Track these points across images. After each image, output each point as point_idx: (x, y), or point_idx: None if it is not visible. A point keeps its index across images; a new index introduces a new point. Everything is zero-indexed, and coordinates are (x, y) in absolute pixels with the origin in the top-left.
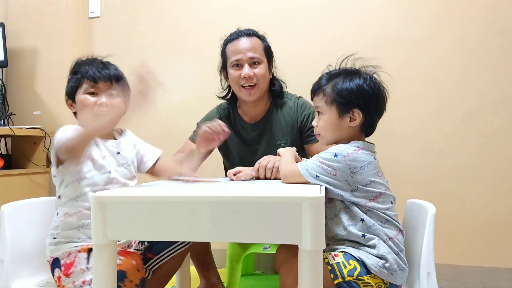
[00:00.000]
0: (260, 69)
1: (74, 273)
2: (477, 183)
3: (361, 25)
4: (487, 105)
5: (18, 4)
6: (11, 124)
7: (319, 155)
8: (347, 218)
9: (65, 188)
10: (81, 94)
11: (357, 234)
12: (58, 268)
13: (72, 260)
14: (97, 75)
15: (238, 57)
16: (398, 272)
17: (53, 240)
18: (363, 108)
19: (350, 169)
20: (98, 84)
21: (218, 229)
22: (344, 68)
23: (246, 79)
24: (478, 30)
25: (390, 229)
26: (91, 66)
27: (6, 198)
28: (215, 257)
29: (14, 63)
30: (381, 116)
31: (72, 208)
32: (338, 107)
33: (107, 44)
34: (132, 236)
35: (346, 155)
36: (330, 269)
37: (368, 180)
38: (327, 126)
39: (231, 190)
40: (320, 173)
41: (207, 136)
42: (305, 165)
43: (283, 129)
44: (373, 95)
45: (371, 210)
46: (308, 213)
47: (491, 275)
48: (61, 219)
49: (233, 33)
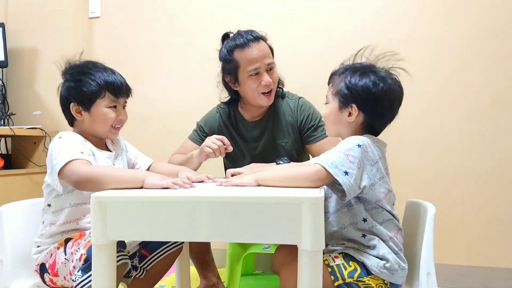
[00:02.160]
0: (275, 73)
1: (60, 270)
2: (477, 183)
3: (361, 25)
4: (487, 105)
5: (18, 4)
6: (11, 124)
7: (344, 147)
8: (348, 216)
9: (56, 197)
10: (103, 107)
11: (357, 234)
12: (47, 272)
13: (53, 259)
14: (118, 89)
15: (257, 65)
16: (399, 271)
17: (37, 248)
18: (362, 106)
19: (370, 161)
20: (119, 99)
21: (217, 229)
22: (362, 63)
23: (266, 86)
24: (478, 30)
25: (390, 228)
26: (108, 75)
27: (6, 198)
28: (215, 257)
29: (14, 63)
30: (384, 120)
31: (59, 219)
32: (340, 100)
33: (107, 44)
34: (131, 236)
35: (368, 145)
36: (330, 271)
37: (382, 175)
38: (329, 116)
39: (230, 190)
40: (348, 168)
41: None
42: (331, 161)
43: (283, 129)
44: (376, 96)
45: (376, 208)
46: (308, 213)
47: (491, 275)
48: (46, 228)
49: (238, 37)
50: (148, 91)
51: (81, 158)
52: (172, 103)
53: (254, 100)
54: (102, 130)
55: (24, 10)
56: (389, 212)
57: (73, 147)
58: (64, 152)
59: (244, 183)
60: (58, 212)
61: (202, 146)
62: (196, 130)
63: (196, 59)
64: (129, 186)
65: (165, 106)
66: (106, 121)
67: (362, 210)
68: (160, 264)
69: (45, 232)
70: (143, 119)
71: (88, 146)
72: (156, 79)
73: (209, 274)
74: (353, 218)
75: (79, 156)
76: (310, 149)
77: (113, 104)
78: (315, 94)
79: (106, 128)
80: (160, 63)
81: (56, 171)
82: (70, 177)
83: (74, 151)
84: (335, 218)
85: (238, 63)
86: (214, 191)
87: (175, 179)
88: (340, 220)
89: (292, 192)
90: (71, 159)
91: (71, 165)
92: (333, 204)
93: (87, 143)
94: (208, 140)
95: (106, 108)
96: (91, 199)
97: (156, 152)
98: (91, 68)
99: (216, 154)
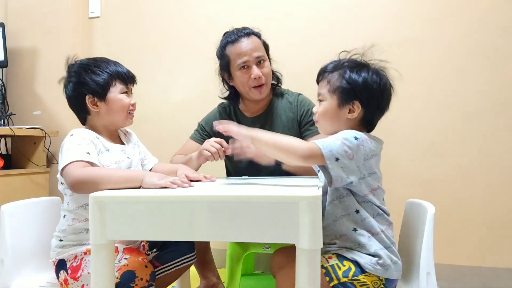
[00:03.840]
0: (266, 67)
1: (82, 277)
2: (477, 183)
3: (360, 24)
4: (487, 105)
5: (18, 4)
6: (11, 124)
7: (342, 135)
8: (340, 208)
9: (72, 195)
10: (117, 94)
11: (349, 226)
12: (64, 270)
13: (78, 263)
14: (126, 76)
15: (245, 59)
16: (393, 266)
17: (60, 242)
18: (365, 102)
19: (364, 154)
20: (128, 85)
21: (216, 229)
22: (353, 60)
23: (256, 79)
24: (478, 30)
25: (381, 222)
26: (114, 66)
27: (6, 198)
28: (215, 257)
29: (14, 63)
30: (383, 114)
31: (80, 216)
32: (339, 97)
33: (107, 44)
34: (130, 236)
35: (364, 139)
36: (325, 272)
37: (373, 170)
38: (326, 113)
39: (229, 190)
40: (340, 156)
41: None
42: (327, 144)
43: (283, 123)
44: (377, 92)
45: (366, 202)
46: (306, 212)
47: (491, 275)
48: (68, 223)
49: (231, 34)
50: (148, 92)
51: (81, 160)
52: (172, 103)
53: (247, 94)
54: (120, 117)
55: (24, 10)
56: (378, 207)
57: (80, 146)
58: (69, 152)
59: (240, 133)
60: (78, 209)
61: (201, 149)
62: (198, 129)
63: (196, 59)
64: (128, 186)
65: (165, 106)
66: (123, 106)
67: (354, 201)
68: (169, 275)
69: (67, 227)
70: (143, 119)
71: (100, 142)
72: (156, 79)
73: (209, 274)
74: (345, 209)
75: (81, 157)
76: None
77: (124, 91)
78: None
79: (124, 114)
80: (160, 63)
81: (59, 171)
82: (66, 179)
83: (79, 151)
84: (328, 211)
85: (229, 58)
86: (213, 190)
87: (174, 178)
88: (333, 212)
89: (290, 191)
90: (71, 161)
91: (69, 167)
92: (326, 197)
93: (99, 139)
94: (206, 143)
95: (120, 94)
96: (89, 199)
97: (156, 152)
98: (95, 61)
99: (215, 158)
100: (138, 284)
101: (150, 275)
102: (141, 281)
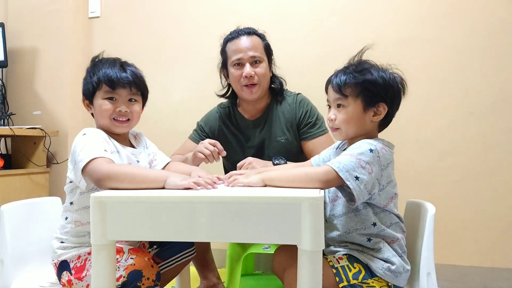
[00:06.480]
0: (261, 68)
1: (87, 277)
2: (477, 183)
3: (361, 24)
4: (487, 105)
5: (18, 4)
6: (11, 124)
7: (356, 152)
8: (355, 222)
9: (79, 195)
10: (99, 99)
11: (362, 239)
12: (68, 271)
13: (82, 263)
14: (115, 81)
15: (239, 56)
16: (403, 274)
17: (61, 244)
18: (389, 102)
19: (381, 166)
20: (117, 90)
21: (217, 229)
22: (365, 61)
23: (247, 78)
24: (479, 30)
25: (397, 231)
26: (111, 68)
27: (6, 198)
28: (215, 257)
29: (14, 63)
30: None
31: (83, 218)
32: (364, 101)
33: (107, 44)
34: (131, 236)
35: (380, 149)
36: (335, 272)
37: (390, 178)
38: (350, 120)
39: (230, 191)
40: (360, 174)
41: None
42: (342, 165)
43: (282, 126)
44: (398, 90)
45: (384, 211)
46: (308, 213)
47: (491, 275)
48: (71, 226)
49: (233, 32)
50: None
51: (103, 156)
52: (172, 103)
53: (239, 92)
54: (104, 123)
55: (24, 10)
56: (396, 216)
57: (97, 144)
58: (88, 149)
59: (252, 183)
60: (82, 210)
61: (195, 151)
62: (196, 130)
63: (196, 59)
64: (151, 186)
65: (165, 106)
66: (103, 112)
67: (371, 215)
68: (170, 271)
69: (70, 230)
70: (142, 119)
71: (112, 143)
72: (156, 79)
73: (209, 274)
74: (361, 223)
75: (102, 154)
76: (305, 146)
77: (109, 96)
78: (316, 94)
79: (106, 121)
80: (160, 63)
81: (80, 168)
82: (92, 175)
83: (98, 148)
84: (341, 222)
85: (227, 54)
86: (214, 191)
87: (197, 179)
88: (346, 224)
89: (291, 192)
90: (94, 157)
91: (93, 163)
92: (340, 208)
93: (111, 140)
94: (201, 145)
95: (102, 99)
96: (90, 199)
97: None
98: (99, 61)
99: (209, 160)
100: (145, 284)
101: (156, 275)
102: (147, 281)
